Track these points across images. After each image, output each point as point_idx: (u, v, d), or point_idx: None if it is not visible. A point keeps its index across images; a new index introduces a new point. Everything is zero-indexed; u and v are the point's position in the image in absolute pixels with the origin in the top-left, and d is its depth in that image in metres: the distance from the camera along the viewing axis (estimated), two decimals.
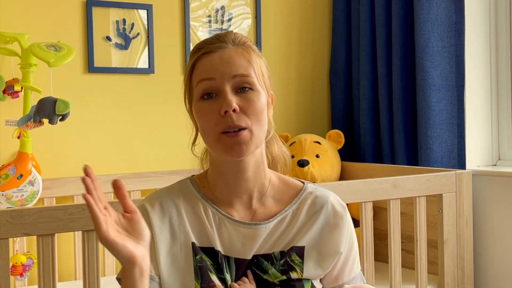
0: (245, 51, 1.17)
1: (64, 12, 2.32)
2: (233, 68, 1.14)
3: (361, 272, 1.28)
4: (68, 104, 2.02)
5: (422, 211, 1.97)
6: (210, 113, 1.13)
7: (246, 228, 1.17)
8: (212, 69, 1.14)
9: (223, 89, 1.12)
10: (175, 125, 2.49)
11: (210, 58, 1.15)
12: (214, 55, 1.15)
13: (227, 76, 1.13)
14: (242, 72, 1.14)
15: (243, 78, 1.14)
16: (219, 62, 1.14)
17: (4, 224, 1.38)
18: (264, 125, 1.16)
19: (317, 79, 2.86)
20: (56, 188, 2.26)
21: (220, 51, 1.15)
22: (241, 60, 1.15)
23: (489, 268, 2.18)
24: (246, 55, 1.16)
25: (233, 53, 1.15)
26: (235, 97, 1.12)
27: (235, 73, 1.13)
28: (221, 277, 1.15)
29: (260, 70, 1.18)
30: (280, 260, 1.16)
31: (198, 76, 1.16)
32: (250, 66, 1.15)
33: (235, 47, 1.16)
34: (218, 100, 1.12)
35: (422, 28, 2.31)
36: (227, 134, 1.11)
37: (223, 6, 2.62)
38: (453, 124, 2.32)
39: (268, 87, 1.20)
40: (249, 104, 1.13)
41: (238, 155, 1.12)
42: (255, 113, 1.13)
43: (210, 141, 1.15)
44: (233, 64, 1.14)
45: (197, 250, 1.15)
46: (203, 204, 1.20)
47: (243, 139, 1.11)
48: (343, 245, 1.21)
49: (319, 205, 1.22)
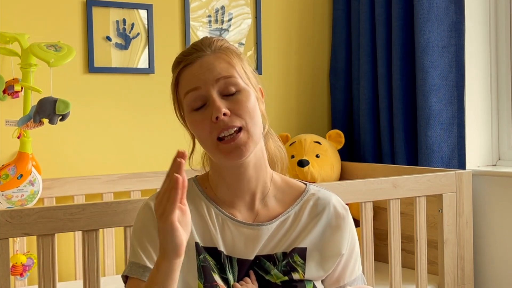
0: (224, 54, 1.17)
1: (64, 12, 2.32)
2: (215, 73, 1.14)
3: (362, 274, 1.28)
4: (68, 104, 2.02)
5: (422, 211, 1.97)
6: (203, 122, 1.14)
7: (248, 229, 1.18)
8: (195, 79, 1.15)
9: (210, 95, 1.13)
10: (175, 125, 2.46)
11: (191, 69, 1.16)
12: (194, 65, 1.16)
13: (210, 82, 1.14)
14: (224, 74, 1.14)
15: (227, 80, 1.14)
16: (200, 71, 1.15)
17: (4, 224, 1.38)
18: (258, 121, 1.16)
19: (317, 79, 2.86)
20: (56, 188, 2.26)
21: (199, 60, 1.16)
22: (221, 63, 1.16)
23: (489, 268, 2.18)
24: (225, 57, 1.17)
25: (212, 59, 1.16)
26: (224, 102, 1.13)
27: (217, 76, 1.14)
28: (223, 277, 1.15)
29: (242, 69, 1.18)
30: (282, 261, 1.17)
31: (183, 88, 1.17)
32: (231, 67, 1.16)
33: (213, 53, 1.17)
34: (208, 108, 1.13)
35: (422, 28, 2.31)
36: (224, 141, 1.12)
37: (223, 6, 2.62)
38: (453, 124, 2.32)
39: (254, 83, 1.20)
40: (240, 105, 1.13)
41: (239, 157, 1.13)
42: (247, 112, 1.13)
43: (209, 149, 1.16)
44: (214, 69, 1.15)
45: (200, 250, 1.16)
46: (207, 205, 1.20)
47: (240, 141, 1.12)
48: (344, 247, 1.21)
49: (321, 207, 1.22)
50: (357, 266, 1.26)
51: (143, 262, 1.15)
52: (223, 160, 1.14)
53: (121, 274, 1.19)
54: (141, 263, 1.15)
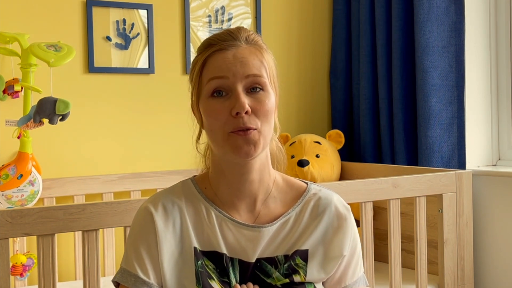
0: (258, 51, 1.15)
1: (64, 12, 2.31)
2: (247, 68, 1.11)
3: (364, 275, 1.26)
4: (68, 104, 2.02)
5: (422, 211, 1.97)
6: (221, 112, 1.10)
7: (249, 231, 1.16)
8: (226, 67, 1.11)
9: (235, 89, 1.10)
10: (175, 125, 2.48)
11: (223, 55, 1.12)
12: (227, 52, 1.12)
13: (240, 76, 1.11)
14: (256, 72, 1.12)
15: (256, 79, 1.12)
16: (232, 61, 1.12)
17: (4, 224, 1.38)
18: (271, 127, 1.15)
19: (317, 79, 2.86)
20: (56, 188, 2.26)
21: (233, 49, 1.13)
22: (255, 60, 1.13)
23: (489, 268, 2.18)
24: (259, 54, 1.14)
25: (246, 52, 1.13)
26: (247, 98, 1.10)
27: (248, 73, 1.11)
28: (224, 280, 1.13)
29: (272, 71, 1.16)
30: (284, 264, 1.15)
31: (210, 73, 1.13)
32: (263, 66, 1.14)
33: (248, 46, 1.14)
34: (229, 100, 1.10)
35: (422, 28, 2.31)
36: (237, 133, 1.09)
37: (223, 6, 2.62)
38: (453, 124, 2.31)
39: (277, 88, 1.19)
40: (260, 105, 1.11)
41: (247, 155, 1.10)
42: (265, 114, 1.12)
43: (218, 139, 1.12)
44: (247, 64, 1.12)
45: (198, 256, 1.13)
46: (206, 206, 1.18)
47: (252, 138, 1.10)
48: (346, 248, 1.19)
49: (323, 207, 1.20)
50: (359, 267, 1.23)
51: (135, 272, 1.12)
52: (230, 154, 1.11)
53: (112, 279, 1.16)
54: (133, 272, 1.12)
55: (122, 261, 1.17)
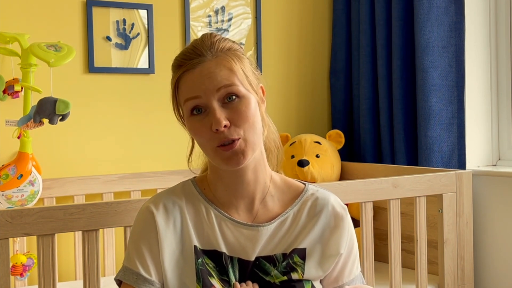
0: (225, 60, 1.14)
1: (64, 12, 2.32)
2: (216, 82, 1.12)
3: (361, 274, 1.28)
4: (68, 104, 2.02)
5: (422, 211, 1.97)
6: (202, 130, 1.12)
7: (247, 230, 1.18)
8: (196, 87, 1.12)
9: (210, 105, 1.11)
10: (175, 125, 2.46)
11: (191, 75, 1.14)
12: (194, 71, 1.13)
13: (211, 91, 1.11)
14: (225, 83, 1.12)
15: (228, 89, 1.12)
16: (200, 79, 1.12)
17: (4, 224, 1.38)
18: (258, 128, 1.15)
19: (317, 79, 2.86)
20: (56, 188, 2.26)
21: (199, 66, 1.13)
22: (222, 71, 1.13)
23: (489, 268, 2.18)
24: (226, 63, 1.14)
25: (213, 66, 1.13)
26: (224, 111, 1.11)
27: (218, 86, 1.12)
28: (223, 279, 1.15)
29: (242, 73, 1.15)
30: (282, 262, 1.17)
31: (183, 95, 1.15)
32: (232, 73, 1.13)
33: (214, 58, 1.14)
34: (207, 116, 1.12)
35: (422, 28, 2.31)
36: (222, 147, 1.11)
37: (223, 6, 2.62)
38: (453, 124, 2.31)
39: (255, 85, 1.18)
40: (239, 115, 1.12)
41: (237, 164, 1.12)
42: (245, 121, 1.12)
43: (209, 153, 1.15)
44: (215, 77, 1.12)
45: (199, 254, 1.15)
46: (205, 206, 1.20)
47: (238, 149, 1.11)
48: (343, 247, 1.21)
49: (320, 207, 1.22)
50: (356, 266, 1.26)
51: (137, 270, 1.14)
52: (221, 165, 1.14)
53: (115, 277, 1.18)
54: (135, 270, 1.15)
55: (124, 260, 1.19)
